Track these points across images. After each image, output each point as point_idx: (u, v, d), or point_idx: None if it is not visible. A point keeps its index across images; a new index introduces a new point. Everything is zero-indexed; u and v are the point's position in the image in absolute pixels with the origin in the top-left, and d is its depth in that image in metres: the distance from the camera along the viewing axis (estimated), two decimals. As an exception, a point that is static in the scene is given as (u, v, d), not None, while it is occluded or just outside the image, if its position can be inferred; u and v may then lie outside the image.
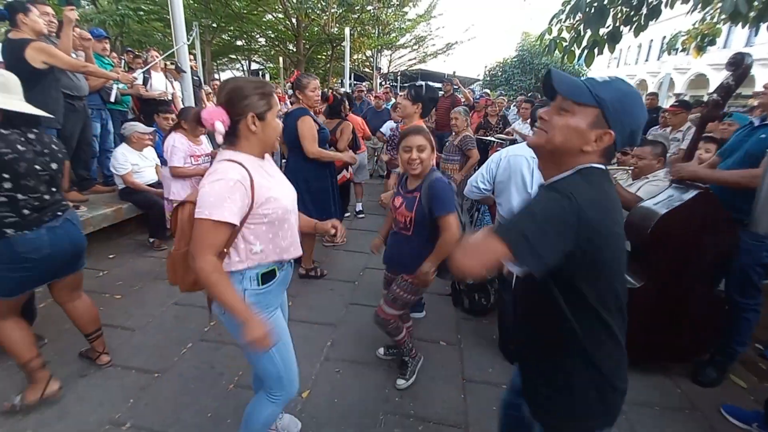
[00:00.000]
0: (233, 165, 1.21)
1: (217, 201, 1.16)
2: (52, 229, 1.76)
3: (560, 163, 0.90)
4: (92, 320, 2.13)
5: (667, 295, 2.18)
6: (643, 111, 0.87)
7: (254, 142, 1.28)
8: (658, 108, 6.24)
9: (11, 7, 2.87)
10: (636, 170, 2.69)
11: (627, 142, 0.89)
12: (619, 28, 3.36)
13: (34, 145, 1.69)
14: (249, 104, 1.22)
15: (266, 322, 1.26)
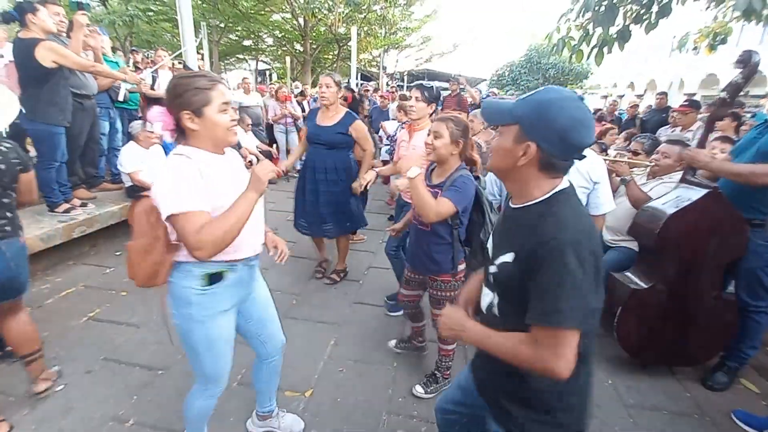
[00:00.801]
0: (182, 159, 1.20)
1: (180, 193, 1.14)
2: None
3: (512, 180, 0.97)
4: (28, 340, 1.88)
5: (675, 296, 2.14)
6: (564, 113, 0.86)
7: (200, 137, 1.25)
8: (668, 108, 6.16)
9: (20, 7, 2.91)
10: (655, 167, 2.63)
11: (564, 149, 0.88)
12: (629, 27, 3.31)
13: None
14: (182, 102, 1.20)
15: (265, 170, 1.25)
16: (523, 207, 0.95)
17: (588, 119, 0.88)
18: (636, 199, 2.48)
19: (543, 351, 0.84)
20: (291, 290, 3.14)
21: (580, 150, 0.89)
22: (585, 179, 2.00)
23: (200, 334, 1.35)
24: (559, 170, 0.92)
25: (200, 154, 1.24)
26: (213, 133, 1.25)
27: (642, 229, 2.25)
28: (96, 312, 2.72)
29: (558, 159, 0.89)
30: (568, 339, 0.83)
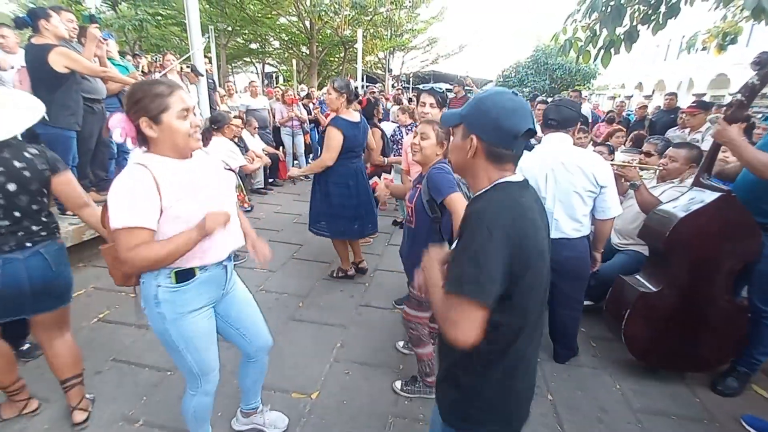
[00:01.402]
0: (136, 168, 1.19)
1: (124, 208, 1.16)
2: (10, 261, 1.54)
3: (468, 174, 1.04)
4: (71, 364, 1.82)
5: (685, 300, 2.12)
6: (495, 104, 0.95)
7: (160, 144, 1.24)
8: (677, 109, 6.10)
9: (33, 13, 2.97)
10: (664, 172, 2.61)
11: (500, 136, 0.95)
12: (637, 27, 3.29)
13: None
14: (140, 108, 1.20)
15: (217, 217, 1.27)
16: (476, 196, 1.03)
17: (519, 108, 0.95)
18: (646, 203, 2.45)
19: (446, 314, 0.90)
20: (297, 293, 3.16)
21: (516, 136, 0.95)
22: (591, 183, 1.99)
23: (175, 333, 1.35)
24: (505, 159, 0.98)
25: (160, 162, 1.23)
26: (173, 140, 1.24)
27: (652, 232, 2.23)
28: (105, 313, 2.76)
29: (499, 147, 0.97)
30: (466, 309, 0.87)
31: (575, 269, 2.16)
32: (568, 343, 2.42)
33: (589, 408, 2.09)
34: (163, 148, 1.25)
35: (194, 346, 1.39)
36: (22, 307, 1.63)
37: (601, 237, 2.19)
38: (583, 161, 1.99)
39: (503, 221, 0.90)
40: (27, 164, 1.52)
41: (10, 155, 1.49)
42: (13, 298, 1.57)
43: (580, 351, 2.46)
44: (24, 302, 1.61)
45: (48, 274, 1.63)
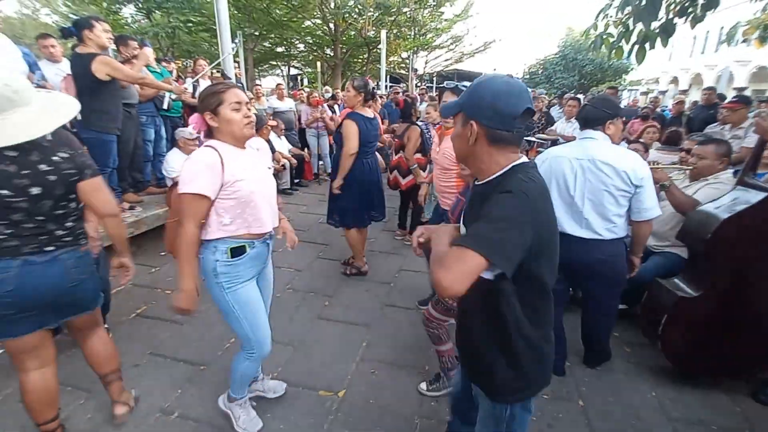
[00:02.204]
0: (206, 149, 1.48)
1: (192, 178, 1.44)
2: (30, 265, 1.45)
3: (473, 161, 1.07)
4: (106, 360, 1.84)
5: (726, 306, 2.02)
6: (490, 88, 0.98)
7: (221, 133, 1.53)
8: (716, 104, 5.80)
9: (78, 24, 3.14)
10: (695, 170, 2.50)
11: (499, 118, 0.98)
12: (673, 20, 3.14)
13: (6, 165, 1.38)
14: (204, 105, 1.50)
15: (195, 301, 1.57)
16: (486, 182, 1.06)
17: (514, 90, 0.97)
18: (680, 203, 2.36)
19: (443, 260, 0.91)
20: (323, 291, 3.21)
21: (513, 116, 0.97)
22: (624, 182, 1.91)
23: (232, 300, 1.61)
24: (508, 142, 1.01)
25: (222, 146, 1.51)
26: (229, 128, 1.51)
27: (692, 234, 2.14)
28: (143, 309, 2.89)
29: (500, 130, 0.99)
30: (467, 258, 0.88)
31: (607, 272, 2.08)
32: (600, 348, 2.34)
33: (622, 415, 2.03)
34: (222, 136, 1.53)
35: (249, 311, 1.65)
36: (43, 315, 1.55)
37: (638, 240, 2.09)
38: (614, 159, 1.92)
39: (530, 198, 0.94)
40: (54, 168, 1.45)
41: (37, 158, 1.43)
42: (30, 302, 1.48)
43: (613, 356, 2.39)
44: (46, 310, 1.54)
45: (66, 282, 1.54)
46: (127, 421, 1.90)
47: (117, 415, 1.87)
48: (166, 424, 1.91)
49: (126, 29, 14.72)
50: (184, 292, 1.53)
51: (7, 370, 2.17)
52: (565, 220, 2.01)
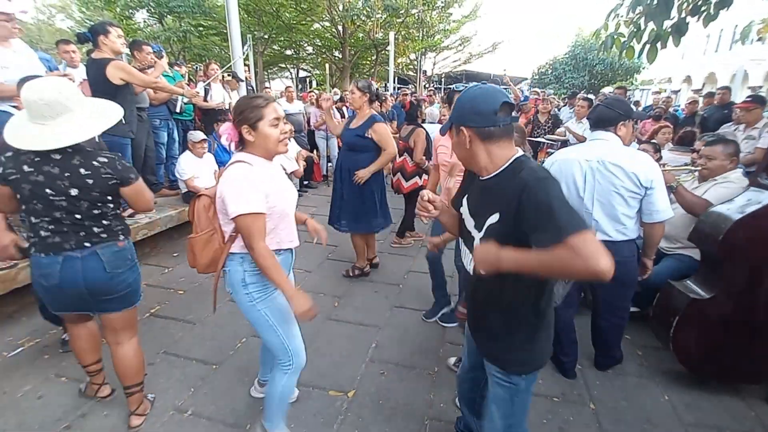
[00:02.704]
0: (243, 165, 1.45)
1: (243, 198, 1.39)
2: (70, 260, 1.60)
3: (475, 161, 1.19)
4: (133, 373, 1.88)
5: (741, 308, 1.99)
6: (466, 96, 1.15)
7: (256, 146, 1.50)
8: (731, 103, 5.70)
9: (93, 29, 3.22)
10: (705, 171, 2.48)
11: (482, 117, 1.11)
12: (686, 19, 3.11)
13: (51, 167, 1.51)
14: (243, 118, 1.46)
15: (308, 299, 1.49)
16: (494, 176, 1.17)
17: (486, 91, 1.13)
18: (689, 204, 2.33)
19: (577, 256, 0.93)
20: (333, 293, 3.23)
21: (495, 112, 1.10)
22: (634, 184, 1.89)
23: (264, 309, 1.56)
24: (497, 135, 1.13)
25: (255, 160, 1.49)
26: (265, 144, 1.49)
27: (705, 235, 2.11)
28: (156, 309, 2.94)
29: (486, 126, 1.12)
30: (588, 239, 0.93)
31: (618, 274, 2.04)
32: (611, 351, 2.32)
33: (634, 419, 2.01)
34: (255, 149, 1.51)
35: (281, 319, 1.60)
36: (86, 303, 1.70)
37: (650, 242, 2.06)
38: (624, 161, 1.90)
39: (550, 174, 1.08)
40: (92, 172, 1.56)
41: (79, 162, 1.55)
42: (73, 294, 1.64)
43: (625, 359, 2.37)
44: (84, 299, 1.67)
45: (102, 275, 1.64)
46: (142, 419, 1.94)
47: (132, 426, 1.90)
48: (180, 422, 1.94)
49: (139, 34, 14.99)
50: (295, 297, 1.46)
51: (6, 372, 2.25)
52: None
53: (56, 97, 1.47)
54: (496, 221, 1.12)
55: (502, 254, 1.05)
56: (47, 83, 1.50)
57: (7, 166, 1.51)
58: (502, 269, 1.05)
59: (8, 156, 1.53)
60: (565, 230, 0.94)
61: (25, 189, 1.51)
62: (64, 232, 1.58)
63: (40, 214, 1.56)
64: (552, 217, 0.98)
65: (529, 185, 1.03)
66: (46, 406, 2.01)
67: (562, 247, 0.94)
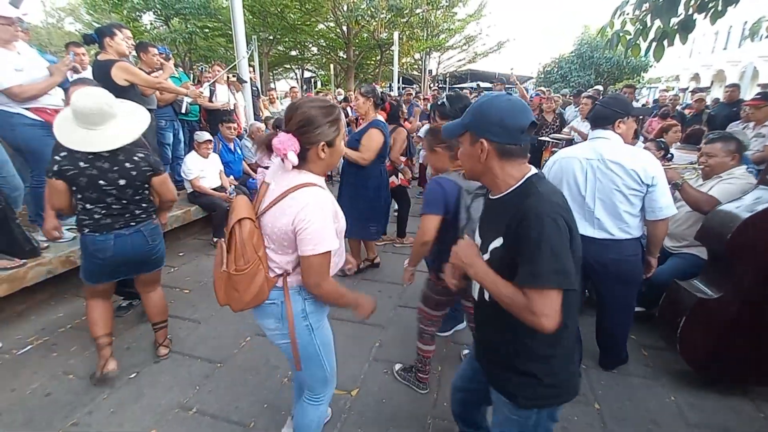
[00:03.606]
0: (319, 191, 1.22)
1: (326, 233, 1.21)
2: (121, 236, 2.00)
3: (486, 176, 1.12)
4: (159, 312, 2.36)
5: (749, 308, 1.97)
6: (495, 107, 1.04)
7: (322, 165, 1.28)
8: (740, 101, 5.63)
9: (100, 31, 3.25)
10: (707, 169, 2.47)
11: (507, 133, 1.03)
12: (693, 16, 3.07)
13: (102, 163, 1.88)
14: (320, 133, 1.21)
15: (369, 298, 1.44)
16: (504, 195, 1.10)
17: (517, 106, 1.04)
18: (695, 200, 2.31)
19: (531, 307, 0.96)
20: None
21: (521, 130, 1.03)
22: (635, 181, 1.88)
23: (319, 341, 1.41)
24: (516, 154, 1.06)
25: (320, 181, 1.29)
26: (335, 161, 1.31)
27: (712, 234, 2.09)
28: (162, 307, 2.96)
29: (509, 144, 1.04)
30: (551, 297, 0.95)
31: (622, 273, 2.05)
32: (615, 351, 2.30)
33: (639, 420, 1.99)
34: (319, 168, 1.28)
35: (329, 350, 1.49)
36: (128, 269, 2.14)
37: (654, 240, 2.05)
38: (624, 158, 1.89)
39: (559, 209, 0.99)
40: (134, 165, 1.96)
41: (123, 158, 1.94)
42: (122, 263, 2.07)
43: (630, 359, 2.34)
44: (130, 266, 2.12)
45: (146, 246, 2.11)
46: (148, 416, 1.97)
47: (160, 354, 2.39)
48: (185, 419, 1.96)
49: (145, 36, 15.13)
50: (361, 304, 1.41)
51: (15, 369, 2.29)
52: (576, 220, 1.99)
53: (105, 107, 1.82)
54: (499, 246, 1.07)
55: (477, 263, 1.09)
56: (95, 93, 1.83)
57: (63, 164, 1.84)
58: (467, 273, 1.10)
59: (63, 155, 1.84)
60: (536, 278, 0.95)
61: (82, 181, 1.87)
62: (114, 215, 1.98)
63: (94, 201, 1.92)
64: (533, 258, 0.96)
65: (528, 218, 0.98)
66: (54, 403, 2.03)
67: (526, 293, 0.97)
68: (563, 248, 0.96)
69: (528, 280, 0.96)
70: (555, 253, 0.95)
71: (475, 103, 1.10)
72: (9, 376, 2.23)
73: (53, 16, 29.42)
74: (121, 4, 15.01)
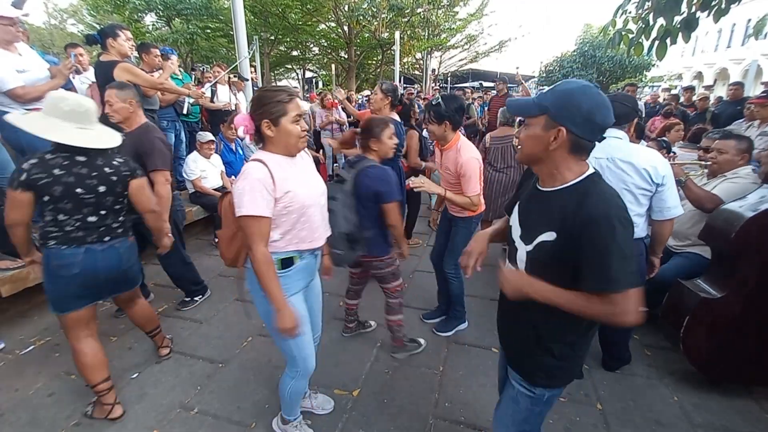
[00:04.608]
0: (257, 164, 1.38)
1: (248, 198, 1.34)
2: (92, 252, 1.76)
3: (545, 164, 1.06)
4: (147, 322, 2.29)
5: (754, 307, 1.95)
6: (587, 98, 0.98)
7: (275, 143, 1.44)
8: (744, 99, 5.59)
9: (102, 32, 3.25)
10: (714, 166, 2.44)
11: (590, 129, 0.99)
12: (696, 14, 3.05)
13: (80, 168, 1.70)
14: (264, 111, 1.39)
15: (296, 317, 1.45)
16: (558, 189, 1.05)
17: (606, 103, 0.99)
18: (698, 198, 2.29)
19: (614, 309, 0.97)
20: (338, 292, 3.22)
21: (602, 130, 1.00)
22: (645, 181, 1.86)
23: None
24: (584, 151, 1.03)
25: (273, 159, 1.43)
26: (286, 141, 1.43)
27: (716, 233, 2.07)
28: (165, 308, 2.97)
29: (585, 140, 1.00)
30: (633, 297, 0.96)
31: None
32: (618, 351, 2.29)
33: (642, 420, 1.98)
34: (275, 147, 1.45)
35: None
36: (99, 290, 1.88)
37: (659, 240, 2.03)
38: (635, 157, 1.87)
39: (624, 211, 0.98)
40: (114, 170, 1.81)
41: (102, 162, 1.78)
42: (91, 282, 1.80)
43: (633, 359, 2.33)
44: (101, 287, 1.86)
45: (119, 266, 1.88)
46: (150, 414, 1.97)
47: (162, 355, 2.39)
48: (187, 419, 1.96)
49: (147, 37, 15.17)
50: (281, 312, 1.42)
51: (18, 369, 2.29)
52: None
53: (91, 107, 1.75)
54: (550, 240, 1.03)
55: (537, 286, 1.04)
56: (76, 94, 1.81)
57: (33, 172, 1.61)
58: (532, 297, 1.05)
59: (33, 162, 1.64)
60: (614, 283, 0.95)
61: (56, 191, 1.65)
62: (89, 228, 1.76)
63: (68, 212, 1.70)
64: (609, 264, 0.94)
65: (597, 222, 0.95)
66: (56, 403, 2.04)
67: (603, 298, 0.97)
68: (631, 247, 0.97)
69: (609, 285, 0.96)
70: (627, 255, 0.95)
71: (562, 87, 1.02)
72: (12, 376, 2.24)
73: (55, 17, 29.54)
74: (122, 6, 15.04)
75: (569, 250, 0.99)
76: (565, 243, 1.00)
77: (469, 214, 2.46)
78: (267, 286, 1.40)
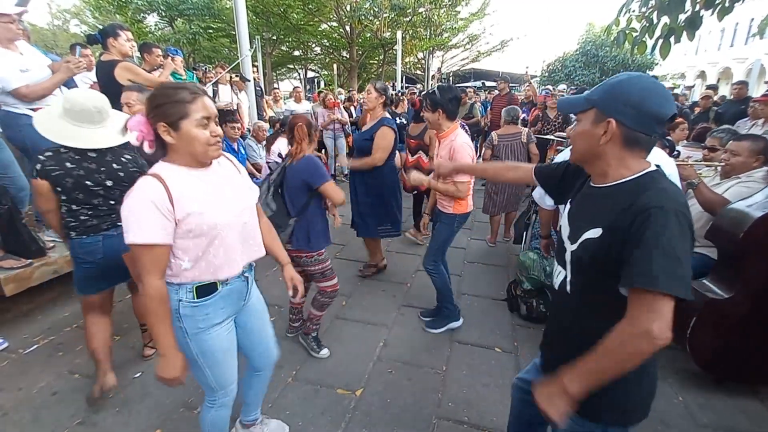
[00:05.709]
0: (149, 181, 1.14)
1: (135, 223, 1.12)
2: (109, 238, 1.95)
3: (597, 161, 0.99)
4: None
5: (760, 308, 1.94)
6: (636, 86, 0.91)
7: (178, 151, 1.19)
8: (747, 98, 5.57)
9: (103, 32, 3.26)
10: (727, 167, 2.40)
11: (642, 119, 0.91)
12: (700, 13, 3.04)
13: (90, 164, 1.84)
14: (159, 113, 1.14)
15: (182, 365, 1.24)
16: (612, 186, 0.97)
17: (662, 91, 0.91)
18: (709, 201, 2.27)
19: (639, 314, 0.82)
20: (341, 292, 3.19)
21: (658, 120, 0.91)
22: None
23: (196, 348, 1.30)
24: (641, 146, 0.94)
25: (175, 172, 1.19)
26: (191, 148, 1.18)
27: (723, 233, 2.06)
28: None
29: (640, 132, 0.92)
30: (667, 304, 0.81)
31: None
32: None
33: (646, 420, 1.94)
34: (180, 156, 1.20)
35: (213, 361, 1.35)
36: (120, 274, 2.03)
37: None
38: None
39: (685, 208, 0.86)
40: (122, 166, 1.95)
41: (110, 158, 1.92)
42: (114, 265, 1.97)
43: (636, 359, 2.32)
44: (121, 270, 2.00)
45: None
46: (154, 415, 1.97)
47: (145, 355, 2.38)
48: (190, 419, 1.95)
49: (150, 37, 15.22)
50: (165, 357, 1.21)
51: (22, 369, 2.30)
52: None
53: (103, 105, 1.85)
54: (596, 237, 0.93)
55: (568, 387, 0.91)
56: (91, 92, 1.87)
57: (47, 164, 1.78)
58: (577, 397, 0.91)
59: (48, 155, 1.79)
60: (652, 280, 0.80)
61: (68, 182, 1.80)
62: (101, 215, 1.92)
63: (80, 203, 1.86)
64: (647, 257, 0.81)
65: (649, 212, 0.84)
66: (60, 402, 2.04)
67: (633, 302, 0.84)
68: (686, 251, 0.83)
69: (644, 281, 0.81)
70: (678, 256, 0.81)
71: (613, 79, 0.96)
72: (16, 375, 2.24)
73: (59, 18, 29.65)
74: (125, 6, 15.10)
75: (615, 245, 0.88)
76: (611, 239, 0.89)
77: (453, 211, 2.47)
78: (153, 326, 1.18)
